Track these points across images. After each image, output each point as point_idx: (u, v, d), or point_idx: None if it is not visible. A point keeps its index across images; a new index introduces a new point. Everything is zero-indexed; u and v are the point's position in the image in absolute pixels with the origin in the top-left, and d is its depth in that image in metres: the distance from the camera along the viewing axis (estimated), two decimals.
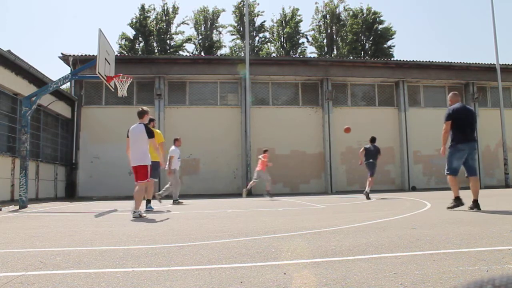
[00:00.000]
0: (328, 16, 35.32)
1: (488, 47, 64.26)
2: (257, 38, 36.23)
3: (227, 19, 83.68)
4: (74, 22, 58.49)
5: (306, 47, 36.54)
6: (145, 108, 6.71)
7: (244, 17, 24.67)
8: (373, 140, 10.56)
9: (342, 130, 11.18)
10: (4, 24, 56.80)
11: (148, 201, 7.59)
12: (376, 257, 2.53)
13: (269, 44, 36.52)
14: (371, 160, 10.22)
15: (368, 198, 9.88)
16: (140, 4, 37.15)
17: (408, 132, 17.56)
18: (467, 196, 5.97)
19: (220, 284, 1.95)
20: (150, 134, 6.38)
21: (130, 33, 33.92)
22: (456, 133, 5.91)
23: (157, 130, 8.36)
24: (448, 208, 6.06)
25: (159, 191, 9.96)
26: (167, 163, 9.44)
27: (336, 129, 16.88)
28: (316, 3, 40.10)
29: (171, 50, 33.93)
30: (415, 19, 61.69)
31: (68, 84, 16.76)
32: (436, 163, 17.85)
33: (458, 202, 5.95)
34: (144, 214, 6.26)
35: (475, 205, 5.79)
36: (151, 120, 8.00)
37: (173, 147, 9.74)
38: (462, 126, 5.89)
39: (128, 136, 6.42)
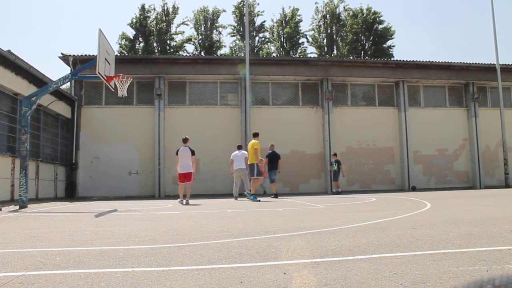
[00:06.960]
0: (328, 16, 35.33)
1: (488, 47, 64.32)
2: (257, 38, 36.25)
3: (227, 19, 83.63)
4: (74, 22, 58.53)
5: (306, 47, 36.57)
6: (187, 136, 10.24)
7: (244, 17, 24.69)
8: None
9: (342, 129, 11.70)
10: (4, 24, 56.81)
11: (252, 194, 10.66)
12: (376, 257, 2.53)
13: (269, 44, 36.53)
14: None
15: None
16: (140, 4, 37.18)
17: (408, 132, 17.55)
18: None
19: (220, 284, 1.95)
20: (193, 153, 9.93)
21: (130, 33, 33.96)
22: (269, 164, 12.38)
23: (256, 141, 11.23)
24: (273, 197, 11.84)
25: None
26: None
27: (336, 129, 16.89)
28: (316, 3, 40.12)
29: (171, 50, 33.93)
30: (415, 19, 61.73)
31: (68, 84, 16.77)
32: (436, 163, 17.88)
33: (276, 196, 11.88)
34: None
35: (275, 196, 11.87)
36: (256, 134, 11.48)
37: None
38: (271, 162, 12.39)
39: (177, 154, 9.87)
